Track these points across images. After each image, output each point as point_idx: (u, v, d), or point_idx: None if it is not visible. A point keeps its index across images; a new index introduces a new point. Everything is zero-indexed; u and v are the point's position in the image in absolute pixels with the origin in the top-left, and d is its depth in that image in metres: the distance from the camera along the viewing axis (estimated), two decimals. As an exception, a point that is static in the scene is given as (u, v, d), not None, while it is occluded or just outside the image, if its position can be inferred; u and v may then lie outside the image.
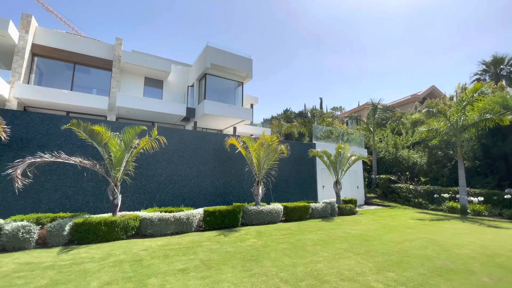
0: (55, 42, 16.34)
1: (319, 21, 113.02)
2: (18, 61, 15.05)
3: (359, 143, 17.90)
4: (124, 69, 18.49)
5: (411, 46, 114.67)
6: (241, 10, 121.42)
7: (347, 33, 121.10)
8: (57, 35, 16.65)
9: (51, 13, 28.75)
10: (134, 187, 9.16)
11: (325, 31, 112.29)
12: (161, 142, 8.34)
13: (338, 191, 12.20)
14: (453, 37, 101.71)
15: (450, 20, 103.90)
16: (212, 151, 10.88)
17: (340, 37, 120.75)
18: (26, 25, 15.34)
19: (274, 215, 9.05)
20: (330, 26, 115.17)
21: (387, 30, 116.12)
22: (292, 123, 24.73)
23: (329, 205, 10.77)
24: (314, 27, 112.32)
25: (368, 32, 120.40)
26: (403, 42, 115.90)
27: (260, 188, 9.74)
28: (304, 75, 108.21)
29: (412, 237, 7.38)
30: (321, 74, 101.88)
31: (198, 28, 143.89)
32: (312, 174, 13.78)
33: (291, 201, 12.44)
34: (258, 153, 9.71)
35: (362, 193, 16.15)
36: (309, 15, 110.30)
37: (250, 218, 8.67)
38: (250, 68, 19.44)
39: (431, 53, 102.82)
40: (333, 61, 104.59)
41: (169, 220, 7.15)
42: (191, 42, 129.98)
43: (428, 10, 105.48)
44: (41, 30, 16.16)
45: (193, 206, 10.06)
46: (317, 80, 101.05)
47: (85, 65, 17.54)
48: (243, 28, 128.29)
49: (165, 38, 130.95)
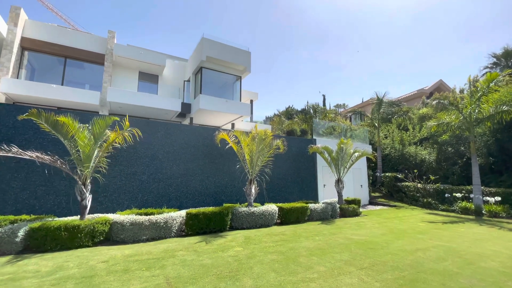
0: (45, 35, 15.50)
1: (322, 18, 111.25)
2: (6, 55, 14.23)
3: (363, 139, 16.70)
4: (117, 63, 17.58)
5: (416, 43, 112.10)
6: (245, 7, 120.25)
7: (351, 30, 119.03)
8: (47, 28, 15.79)
9: (51, 11, 28.12)
10: (113, 186, 8.20)
11: (328, 28, 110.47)
12: (137, 135, 7.32)
13: (340, 191, 11.08)
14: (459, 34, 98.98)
15: (455, 17, 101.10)
16: (201, 147, 9.86)
17: (344, 34, 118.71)
18: (15, 18, 14.51)
19: (268, 218, 7.99)
20: (333, 22, 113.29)
21: (391, 27, 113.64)
22: (293, 119, 23.56)
23: (329, 206, 9.66)
24: (317, 24, 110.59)
25: (372, 28, 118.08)
26: (408, 39, 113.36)
27: (253, 187, 8.70)
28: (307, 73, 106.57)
29: (426, 244, 6.24)
30: (324, 71, 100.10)
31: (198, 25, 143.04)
32: (312, 172, 12.67)
33: (290, 201, 11.37)
34: (251, 149, 8.66)
35: (366, 192, 14.98)
36: (312, 12, 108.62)
37: (240, 221, 7.62)
38: (248, 61, 18.36)
39: (436, 50, 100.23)
40: (337, 58, 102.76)
41: (143, 224, 6.15)
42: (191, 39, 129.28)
43: (432, 6, 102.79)
44: (30, 23, 15.33)
45: (179, 207, 9.07)
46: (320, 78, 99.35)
47: (77, 59, 16.70)
48: (246, 26, 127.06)
49: (164, 35, 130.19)
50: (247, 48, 18.63)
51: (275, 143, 9.31)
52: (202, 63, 17.20)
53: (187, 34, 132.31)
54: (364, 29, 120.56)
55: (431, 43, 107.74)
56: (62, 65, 16.63)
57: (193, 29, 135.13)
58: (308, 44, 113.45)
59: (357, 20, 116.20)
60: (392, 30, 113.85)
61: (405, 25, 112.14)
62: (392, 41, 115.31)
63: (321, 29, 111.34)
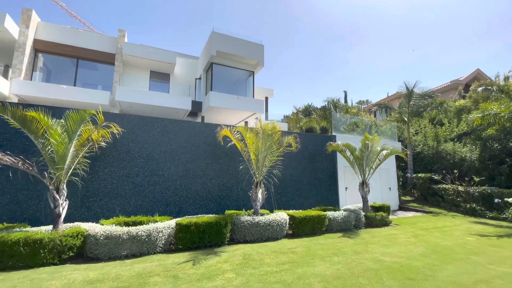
0: (56, 37, 15.26)
1: (341, 12, 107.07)
2: (19, 57, 14.09)
3: (391, 136, 14.68)
4: (128, 62, 17.04)
5: (445, 34, 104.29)
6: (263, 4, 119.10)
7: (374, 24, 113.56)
8: (59, 29, 15.55)
9: (64, 10, 28.70)
10: (104, 189, 7.25)
11: (350, 22, 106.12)
12: (116, 130, 6.28)
13: (365, 195, 9.39)
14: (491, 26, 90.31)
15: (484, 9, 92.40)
16: (203, 145, 8.68)
17: (367, 29, 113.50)
18: (27, 19, 14.33)
19: (276, 229, 6.59)
20: (356, 16, 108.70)
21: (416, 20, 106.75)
22: (311, 115, 21.82)
23: (353, 214, 8.05)
24: (339, 20, 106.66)
25: (396, 21, 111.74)
26: (435, 31, 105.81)
27: (259, 192, 7.35)
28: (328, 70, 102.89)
29: (487, 273, 4.53)
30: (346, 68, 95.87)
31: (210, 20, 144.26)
32: (332, 173, 11.05)
33: (305, 207, 9.88)
34: (257, 146, 7.33)
35: (396, 196, 13.03)
36: (332, 6, 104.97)
37: (243, 233, 6.30)
38: (261, 54, 17.03)
39: (466, 42, 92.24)
40: (359, 54, 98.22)
41: (121, 238, 5.04)
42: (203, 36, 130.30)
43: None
44: (42, 24, 15.16)
45: (178, 213, 7.95)
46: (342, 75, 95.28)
47: (88, 60, 16.35)
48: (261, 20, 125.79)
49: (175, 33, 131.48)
50: (260, 41, 17.33)
51: (285, 140, 7.91)
52: (212, 58, 16.15)
53: (198, 30, 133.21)
54: (385, 23, 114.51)
55: (463, 35, 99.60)
56: (74, 66, 16.40)
57: (205, 25, 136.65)
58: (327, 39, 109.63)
59: (378, 14, 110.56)
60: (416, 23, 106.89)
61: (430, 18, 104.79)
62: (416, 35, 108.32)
63: (340, 23, 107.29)
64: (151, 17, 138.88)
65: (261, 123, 7.16)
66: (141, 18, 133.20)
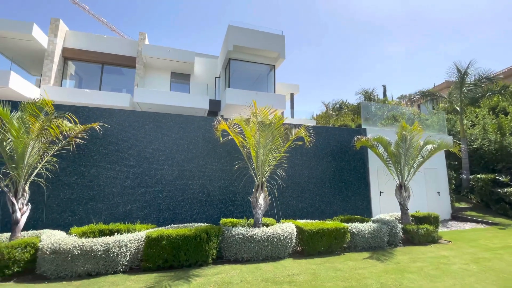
0: (83, 44, 15.65)
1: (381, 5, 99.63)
2: (48, 65, 14.61)
3: (439, 129, 11.98)
4: (149, 65, 16.88)
5: (494, 24, 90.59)
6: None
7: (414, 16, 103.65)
8: (85, 36, 15.94)
9: (87, 13, 30.32)
10: (89, 192, 6.45)
11: (387, 15, 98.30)
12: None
13: (404, 201, 7.29)
14: None
15: None
16: (202, 142, 7.50)
17: (407, 20, 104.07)
18: (55, 29, 14.86)
19: (277, 246, 5.03)
20: (393, 8, 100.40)
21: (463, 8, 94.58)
22: (342, 110, 19.51)
23: (385, 227, 6.09)
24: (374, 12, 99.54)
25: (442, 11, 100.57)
26: (484, 20, 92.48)
27: (261, 197, 5.88)
28: (365, 65, 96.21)
29: None
30: (385, 63, 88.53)
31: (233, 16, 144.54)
32: (362, 174, 9.06)
33: (327, 215, 8.10)
34: (258, 140, 5.90)
35: (447, 203, 10.41)
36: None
37: (234, 250, 4.88)
38: (281, 46, 15.52)
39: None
40: (399, 47, 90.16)
41: (71, 252, 4.01)
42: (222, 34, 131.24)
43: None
44: (70, 33, 15.66)
45: (173, 220, 6.85)
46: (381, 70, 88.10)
47: (112, 65, 16.55)
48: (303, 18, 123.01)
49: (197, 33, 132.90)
50: (281, 32, 15.83)
51: (295, 132, 6.34)
52: (230, 54, 15.12)
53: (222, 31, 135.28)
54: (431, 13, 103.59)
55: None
56: (104, 72, 16.75)
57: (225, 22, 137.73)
58: (365, 32, 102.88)
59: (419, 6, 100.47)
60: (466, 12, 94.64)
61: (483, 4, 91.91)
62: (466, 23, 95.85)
63: (379, 17, 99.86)
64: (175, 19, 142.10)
65: (255, 107, 5.71)
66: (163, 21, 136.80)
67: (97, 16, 30.49)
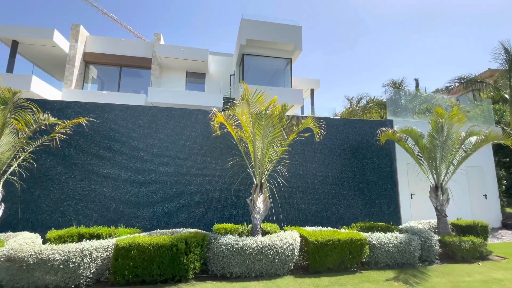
0: (103, 47, 15.92)
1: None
2: (70, 69, 14.98)
3: (484, 121, 10.08)
4: (164, 65, 16.74)
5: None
6: None
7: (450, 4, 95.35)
8: (104, 40, 16.21)
9: (105, 15, 31.26)
10: (80, 192, 5.99)
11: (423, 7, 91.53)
12: (85, 124, 4.76)
13: (441, 206, 5.87)
14: None
15: None
16: (200, 138, 6.74)
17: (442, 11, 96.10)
18: (76, 34, 15.23)
19: (273, 260, 4.03)
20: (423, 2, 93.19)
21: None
22: (367, 105, 17.78)
23: (416, 238, 4.79)
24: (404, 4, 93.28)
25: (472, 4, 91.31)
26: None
27: (260, 199, 4.93)
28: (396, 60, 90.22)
29: None
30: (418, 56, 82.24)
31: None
32: (389, 173, 7.69)
33: (346, 221, 6.92)
34: (253, 131, 5.00)
35: (496, 208, 8.58)
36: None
37: (221, 263, 3.99)
38: (298, 37, 14.42)
39: None
40: (434, 38, 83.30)
41: (27, 262, 3.40)
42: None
43: None
44: (90, 38, 16.01)
45: (167, 223, 6.16)
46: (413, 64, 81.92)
47: (129, 67, 16.67)
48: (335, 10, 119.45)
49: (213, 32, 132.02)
50: (297, 23, 14.74)
51: (301, 123, 5.33)
52: (243, 49, 14.37)
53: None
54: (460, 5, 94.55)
55: None
56: (123, 75, 16.94)
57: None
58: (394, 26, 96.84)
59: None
60: None
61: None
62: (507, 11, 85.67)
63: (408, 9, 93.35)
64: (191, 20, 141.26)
65: (247, 90, 4.79)
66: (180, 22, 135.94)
67: (124, 25, 31.68)
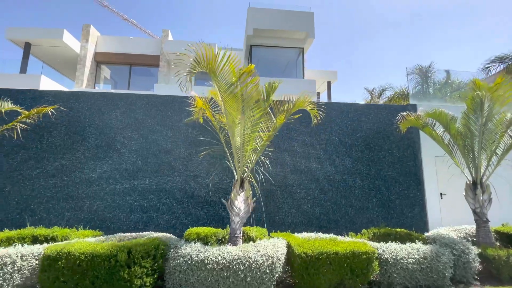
0: (113, 47, 15.86)
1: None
2: (81, 69, 15.03)
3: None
4: (172, 62, 16.32)
5: None
6: None
7: None
8: (114, 40, 16.14)
9: (111, 11, 31.51)
10: (52, 189, 5.39)
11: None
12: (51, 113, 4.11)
13: (481, 208, 4.46)
14: None
15: None
16: (185, 128, 5.88)
17: None
18: (86, 34, 15.27)
19: (244, 278, 3.00)
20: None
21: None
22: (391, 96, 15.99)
23: (446, 251, 3.51)
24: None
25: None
26: None
27: (241, 198, 3.93)
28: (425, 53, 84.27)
29: None
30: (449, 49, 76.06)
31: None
32: (412, 167, 6.30)
33: (357, 226, 5.71)
34: (224, 109, 4.02)
35: (556, 211, 6.81)
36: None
37: (176, 279, 3.06)
38: (310, 24, 13.23)
39: None
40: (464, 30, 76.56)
41: None
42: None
43: None
44: (101, 37, 16.01)
45: (146, 225, 5.37)
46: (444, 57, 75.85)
47: (139, 65, 16.47)
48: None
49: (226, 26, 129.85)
50: (309, 9, 13.54)
51: (295, 104, 4.26)
52: (251, 39, 13.46)
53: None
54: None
55: None
56: (133, 73, 16.81)
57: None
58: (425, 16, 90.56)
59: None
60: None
61: None
62: None
63: None
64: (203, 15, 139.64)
65: (207, 50, 3.80)
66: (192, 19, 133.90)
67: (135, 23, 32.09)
